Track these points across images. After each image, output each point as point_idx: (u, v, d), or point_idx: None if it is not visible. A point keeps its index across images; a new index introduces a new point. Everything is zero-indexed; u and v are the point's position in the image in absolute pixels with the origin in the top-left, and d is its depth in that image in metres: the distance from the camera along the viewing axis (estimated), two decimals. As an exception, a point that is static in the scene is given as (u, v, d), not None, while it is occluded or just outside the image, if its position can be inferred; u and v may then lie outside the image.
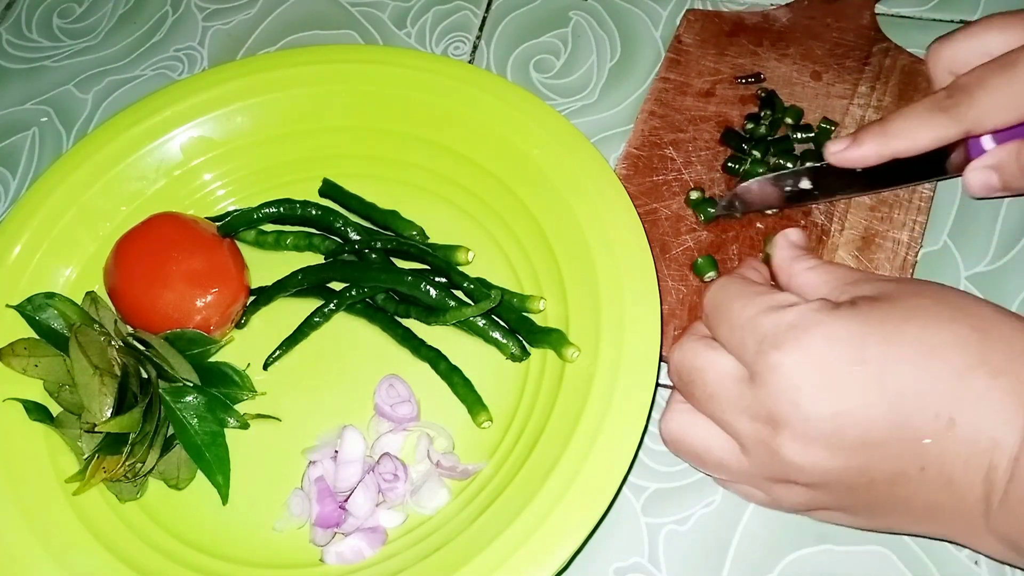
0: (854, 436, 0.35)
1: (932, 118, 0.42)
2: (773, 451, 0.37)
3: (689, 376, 0.40)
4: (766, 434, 0.37)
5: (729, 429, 0.39)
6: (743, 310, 0.39)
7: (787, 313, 0.37)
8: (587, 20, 0.64)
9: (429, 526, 0.45)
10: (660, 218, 0.53)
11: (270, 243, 0.55)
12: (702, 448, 0.41)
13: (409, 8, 0.67)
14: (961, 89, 0.42)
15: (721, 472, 0.41)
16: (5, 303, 0.50)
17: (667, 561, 0.45)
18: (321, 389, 0.50)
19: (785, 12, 0.61)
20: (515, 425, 0.47)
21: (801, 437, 0.36)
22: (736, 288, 0.40)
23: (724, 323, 0.39)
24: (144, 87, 0.65)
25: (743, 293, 0.40)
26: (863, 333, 0.36)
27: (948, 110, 0.42)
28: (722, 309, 0.40)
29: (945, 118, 0.42)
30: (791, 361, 0.36)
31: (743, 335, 0.38)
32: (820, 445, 0.36)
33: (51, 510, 0.46)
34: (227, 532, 0.47)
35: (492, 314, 0.50)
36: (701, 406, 0.40)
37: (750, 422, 0.37)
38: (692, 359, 0.40)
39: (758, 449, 0.38)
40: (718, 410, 0.39)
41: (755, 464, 0.39)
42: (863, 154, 0.44)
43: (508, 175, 0.53)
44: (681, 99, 0.57)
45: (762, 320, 0.38)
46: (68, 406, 0.47)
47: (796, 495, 0.39)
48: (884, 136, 0.44)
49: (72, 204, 0.54)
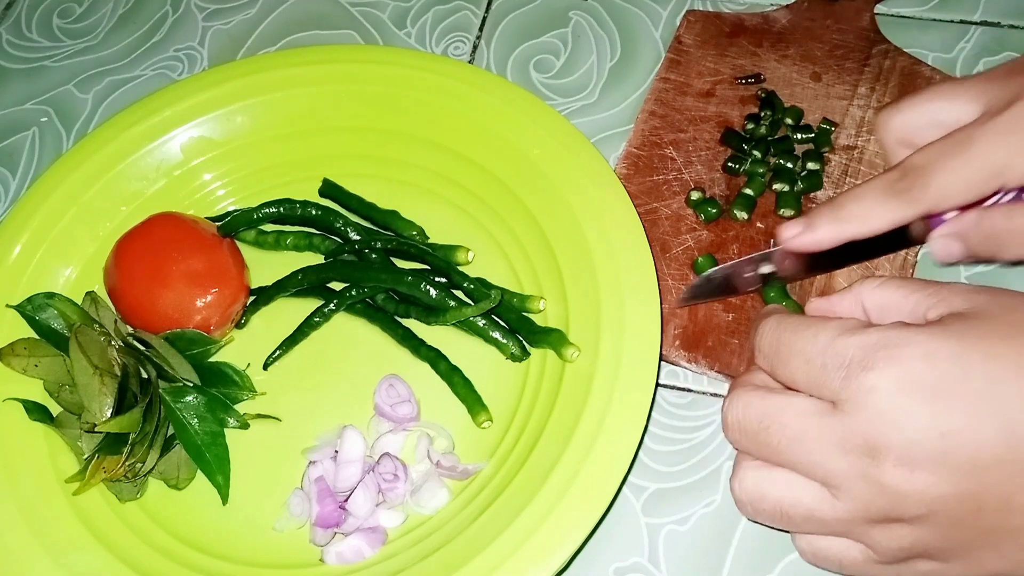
0: (963, 457, 0.33)
1: (887, 202, 0.40)
2: (875, 482, 0.34)
3: (760, 425, 0.36)
4: (865, 465, 0.34)
5: (817, 472, 0.35)
6: (816, 336, 0.36)
7: (871, 334, 0.34)
8: (587, 20, 0.64)
9: (429, 526, 0.45)
10: (660, 217, 0.53)
11: (270, 243, 0.54)
12: (788, 502, 0.37)
13: (409, 8, 0.67)
14: (915, 171, 0.40)
15: (812, 525, 0.37)
16: (5, 303, 0.50)
17: (667, 561, 0.45)
18: (321, 389, 0.50)
19: (785, 13, 0.61)
20: (515, 425, 0.47)
21: (907, 461, 0.33)
22: (796, 320, 0.37)
23: (793, 356, 0.36)
24: (144, 87, 0.65)
25: (808, 323, 0.37)
26: (962, 350, 0.33)
27: (902, 193, 0.40)
28: (787, 342, 0.37)
29: (900, 202, 0.40)
30: (888, 381, 0.33)
31: (823, 362, 0.35)
32: (928, 469, 0.33)
33: (51, 510, 0.46)
34: (227, 532, 0.47)
35: (492, 314, 0.50)
36: (779, 455, 0.36)
37: (843, 457, 0.34)
38: (759, 406, 0.37)
39: (856, 486, 0.34)
40: (803, 453, 0.35)
41: (852, 505, 0.35)
42: (817, 239, 0.42)
43: (508, 175, 0.53)
44: (681, 99, 0.57)
45: (843, 343, 0.35)
46: (68, 406, 0.47)
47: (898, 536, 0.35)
48: (838, 221, 0.41)
49: (72, 204, 0.54)
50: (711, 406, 0.49)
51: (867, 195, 0.41)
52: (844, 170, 0.53)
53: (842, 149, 0.54)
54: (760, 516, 0.38)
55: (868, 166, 0.53)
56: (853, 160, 0.54)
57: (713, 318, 0.49)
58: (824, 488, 0.36)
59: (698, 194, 0.53)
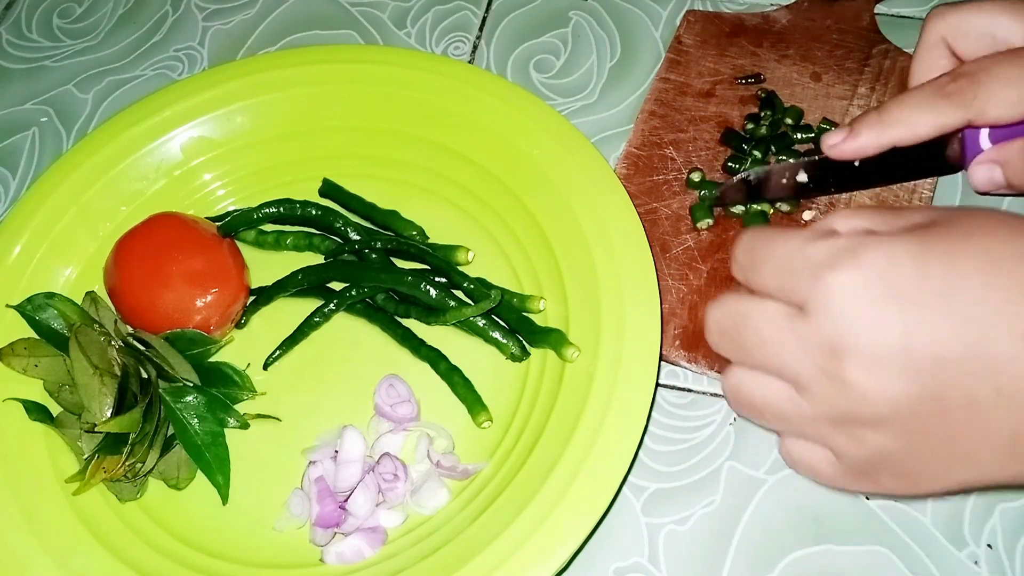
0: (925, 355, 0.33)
1: (933, 104, 0.41)
2: (838, 381, 0.34)
3: (734, 326, 0.38)
4: (829, 364, 0.34)
5: (785, 371, 0.36)
6: (786, 243, 0.36)
7: (838, 238, 0.35)
8: (587, 20, 0.64)
9: (429, 526, 0.45)
10: (660, 217, 0.53)
11: (270, 243, 0.54)
12: (761, 401, 0.38)
13: (409, 8, 0.67)
14: (966, 75, 0.41)
15: (784, 425, 0.38)
16: (5, 303, 0.50)
17: (667, 561, 0.45)
18: (321, 389, 0.50)
19: (785, 13, 0.61)
20: (515, 425, 0.47)
21: (869, 360, 0.34)
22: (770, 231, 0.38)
23: (767, 263, 0.37)
24: (144, 87, 0.65)
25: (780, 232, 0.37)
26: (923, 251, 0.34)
27: (951, 96, 0.40)
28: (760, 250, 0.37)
29: (947, 104, 0.41)
30: (852, 281, 0.34)
31: (791, 266, 0.36)
32: (889, 368, 0.34)
33: (51, 510, 0.46)
34: (227, 532, 0.47)
35: (492, 314, 0.50)
36: (751, 356, 0.38)
37: (808, 356, 0.35)
38: (735, 308, 0.38)
39: (820, 385, 0.35)
40: (772, 354, 0.36)
41: (816, 405, 0.36)
42: (860, 144, 0.43)
43: (508, 175, 0.53)
44: (681, 99, 0.57)
45: (811, 248, 0.35)
46: (68, 406, 0.47)
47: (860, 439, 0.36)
48: (881, 125, 0.42)
49: (72, 204, 0.54)
50: (711, 406, 0.49)
51: (913, 98, 0.42)
52: (844, 170, 0.53)
53: (842, 149, 0.54)
54: (743, 412, 0.39)
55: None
56: (853, 160, 0.54)
57: (713, 318, 0.49)
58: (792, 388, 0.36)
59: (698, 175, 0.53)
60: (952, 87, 0.41)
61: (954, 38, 0.44)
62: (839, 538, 0.44)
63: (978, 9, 0.43)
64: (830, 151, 0.44)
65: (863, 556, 0.44)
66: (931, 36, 0.45)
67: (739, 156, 0.54)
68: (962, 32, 0.44)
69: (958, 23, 0.44)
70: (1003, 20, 0.42)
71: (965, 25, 0.43)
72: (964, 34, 0.43)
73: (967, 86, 0.40)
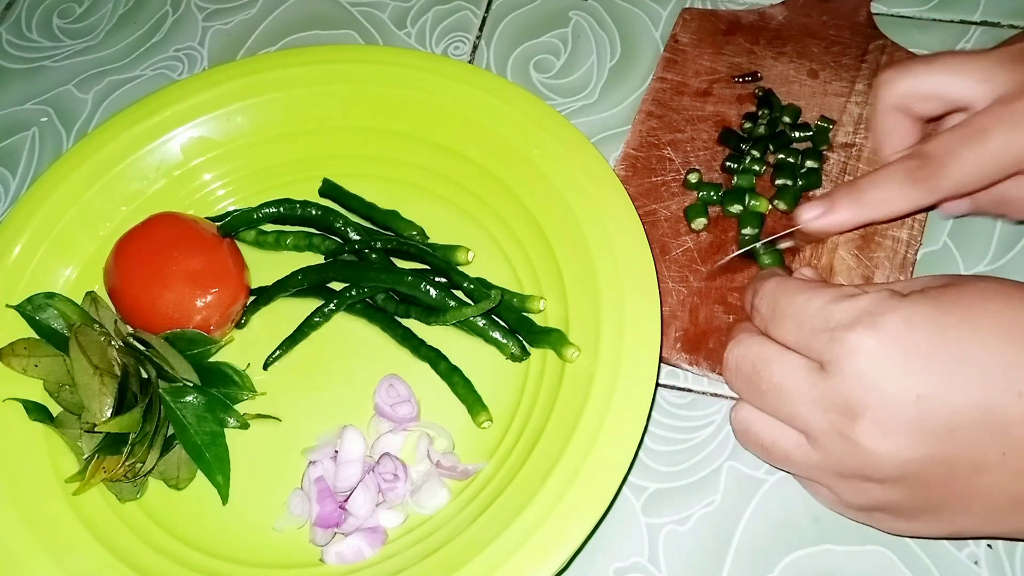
0: (938, 421, 0.34)
1: (907, 189, 0.42)
2: (850, 441, 0.36)
3: (753, 369, 0.39)
4: (842, 424, 0.36)
5: (798, 422, 0.38)
6: (809, 301, 0.38)
7: (859, 300, 0.36)
8: (587, 20, 0.64)
9: (429, 526, 0.45)
10: (659, 219, 0.53)
11: (270, 243, 0.55)
12: (768, 441, 0.40)
13: (409, 8, 0.67)
14: (934, 160, 0.41)
15: (788, 466, 0.40)
16: (5, 303, 0.50)
17: (667, 561, 0.45)
18: (321, 389, 0.50)
19: (781, 10, 0.61)
20: (515, 425, 0.47)
21: (882, 423, 0.35)
22: (795, 284, 0.39)
23: (788, 318, 0.38)
24: (144, 87, 0.65)
25: (805, 287, 0.39)
26: (940, 315, 0.35)
27: (922, 182, 0.41)
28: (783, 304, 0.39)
29: (920, 190, 0.42)
30: (870, 344, 0.35)
31: (813, 325, 0.37)
32: (902, 431, 0.35)
33: (51, 510, 0.46)
34: (227, 532, 0.47)
35: (492, 314, 0.50)
36: (766, 401, 0.39)
37: (823, 413, 0.36)
38: (757, 352, 0.39)
39: (832, 441, 0.36)
40: (787, 403, 0.38)
41: (825, 458, 0.37)
42: (837, 222, 0.44)
43: (508, 175, 0.53)
44: (678, 99, 0.57)
45: (833, 308, 0.37)
46: (68, 406, 0.47)
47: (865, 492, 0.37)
48: (858, 205, 0.43)
49: (72, 204, 0.54)
50: (711, 406, 0.49)
51: (887, 181, 0.42)
52: (843, 168, 0.53)
53: (840, 147, 0.54)
54: (748, 448, 0.41)
55: (867, 163, 0.53)
56: (851, 158, 0.54)
57: (714, 320, 0.49)
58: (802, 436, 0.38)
59: (695, 176, 0.53)
60: (923, 173, 0.41)
61: (907, 105, 0.45)
62: (839, 538, 0.44)
63: (925, 72, 0.44)
64: (807, 224, 0.44)
65: (863, 556, 0.44)
66: (884, 104, 0.45)
67: (737, 155, 0.54)
68: (913, 99, 0.44)
69: (909, 90, 0.44)
70: (950, 81, 0.43)
71: (915, 92, 0.44)
72: (915, 100, 0.44)
73: (936, 172, 0.41)
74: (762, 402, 0.39)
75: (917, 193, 0.42)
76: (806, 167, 0.53)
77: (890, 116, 0.45)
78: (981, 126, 0.41)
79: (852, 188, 0.43)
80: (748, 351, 0.40)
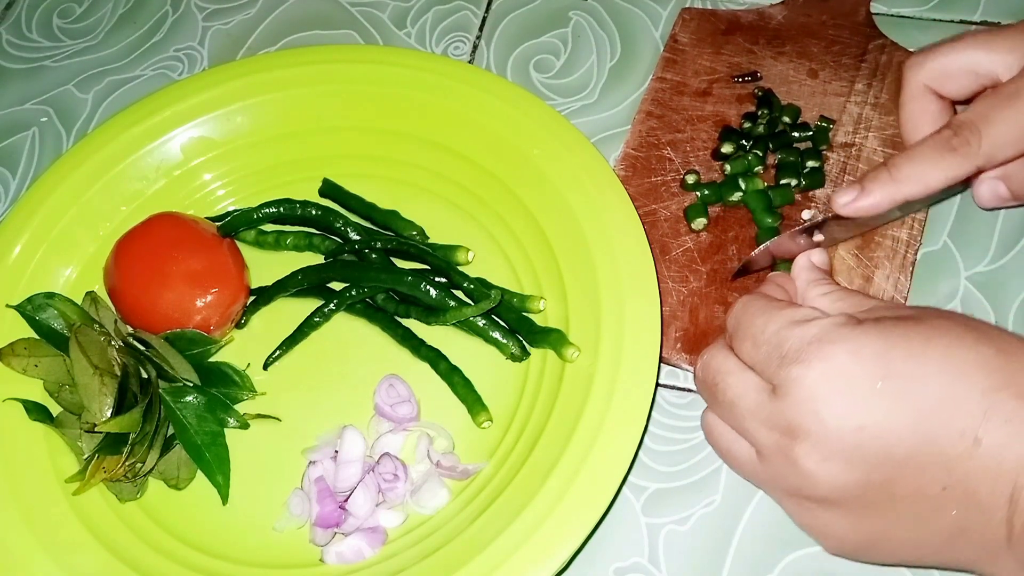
0: (876, 450, 0.35)
1: (942, 159, 0.41)
2: (791, 461, 0.37)
3: (713, 381, 0.40)
4: (784, 444, 0.37)
5: (748, 436, 0.39)
6: (766, 325, 0.38)
7: (810, 327, 0.37)
8: (587, 20, 0.64)
9: (429, 526, 0.45)
10: (659, 219, 0.53)
11: (270, 243, 0.55)
12: (725, 448, 0.41)
13: (409, 8, 0.67)
14: (967, 126, 0.41)
15: (742, 475, 0.42)
16: (5, 303, 0.50)
17: (667, 561, 0.45)
18: (321, 389, 0.50)
19: (780, 10, 0.61)
20: (515, 425, 0.47)
21: (821, 449, 0.36)
22: (758, 305, 0.40)
23: (747, 339, 0.39)
24: (144, 87, 0.65)
25: (765, 309, 0.39)
26: (888, 348, 0.36)
27: (958, 149, 0.41)
28: (744, 326, 0.40)
29: (956, 158, 0.41)
30: (814, 374, 0.36)
31: (767, 350, 0.38)
32: (840, 458, 0.36)
33: (51, 510, 0.46)
34: (227, 532, 0.47)
35: (492, 314, 0.50)
36: (722, 411, 0.40)
37: (768, 432, 0.37)
38: (716, 366, 0.40)
39: (775, 459, 0.38)
40: (739, 417, 0.39)
41: (772, 474, 0.39)
42: (874, 202, 0.43)
43: (508, 175, 0.53)
44: (678, 99, 0.57)
45: (785, 334, 0.37)
46: (68, 406, 0.47)
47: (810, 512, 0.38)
48: (894, 182, 0.42)
49: (72, 204, 0.54)
50: (711, 406, 0.49)
51: (921, 154, 0.42)
52: (843, 167, 0.53)
53: (840, 146, 0.54)
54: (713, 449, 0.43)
55: (867, 163, 0.53)
56: (851, 157, 0.54)
57: (714, 320, 0.49)
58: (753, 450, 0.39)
59: (693, 177, 0.53)
60: (957, 140, 0.41)
61: (938, 83, 0.45)
62: (839, 538, 0.44)
63: (954, 51, 0.44)
64: (843, 210, 0.44)
65: (863, 556, 0.44)
66: (914, 85, 0.45)
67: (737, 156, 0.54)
68: (944, 77, 0.44)
69: (939, 69, 0.44)
70: (980, 55, 0.43)
71: (945, 70, 0.44)
72: (947, 78, 0.44)
73: (971, 138, 0.41)
74: (719, 412, 0.41)
75: (953, 162, 0.41)
76: (808, 167, 0.53)
77: (920, 99, 0.45)
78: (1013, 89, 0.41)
79: (886, 167, 0.43)
80: (712, 361, 0.41)
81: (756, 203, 0.52)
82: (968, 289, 0.50)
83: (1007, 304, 0.49)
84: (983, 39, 0.43)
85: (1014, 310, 0.49)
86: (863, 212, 0.43)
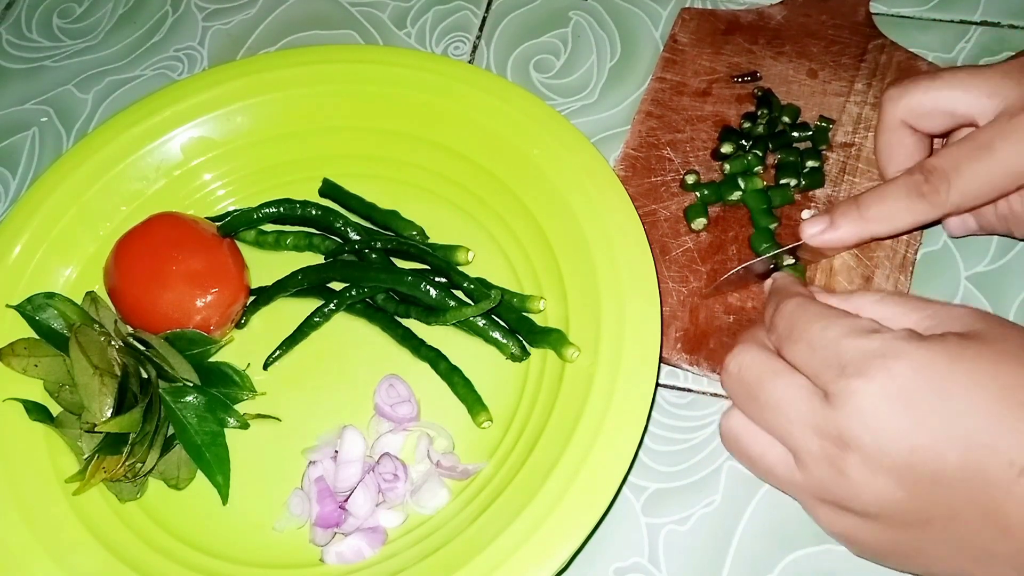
0: (925, 472, 0.35)
1: (911, 203, 0.42)
2: (838, 471, 0.36)
3: (757, 380, 0.39)
4: (833, 454, 0.36)
5: (789, 441, 0.38)
6: (824, 331, 0.38)
7: (873, 339, 0.36)
8: (587, 20, 0.64)
9: (429, 526, 0.45)
10: (659, 219, 0.53)
11: (270, 243, 0.55)
12: (755, 453, 0.40)
13: (409, 8, 0.67)
14: (937, 174, 0.41)
15: (768, 480, 0.41)
16: (5, 303, 0.50)
17: (667, 561, 0.45)
18: (321, 389, 0.50)
19: (780, 10, 0.61)
20: (515, 425, 0.47)
21: (871, 464, 0.35)
22: (816, 309, 0.39)
23: (801, 343, 0.38)
24: (144, 87, 0.65)
25: (824, 314, 0.39)
26: (949, 371, 0.35)
27: (927, 196, 0.41)
28: (800, 328, 0.39)
29: (924, 204, 0.42)
30: (874, 388, 0.35)
31: (824, 355, 0.37)
32: (889, 475, 0.35)
33: (51, 510, 0.46)
34: (227, 532, 0.47)
35: (492, 314, 0.50)
36: (761, 413, 0.39)
37: (817, 438, 0.37)
38: (763, 365, 0.39)
39: (819, 466, 0.37)
40: (783, 420, 0.38)
41: (808, 480, 0.38)
42: (841, 237, 0.44)
43: (508, 175, 0.53)
44: (678, 99, 0.57)
45: (846, 344, 0.37)
46: (68, 406, 0.47)
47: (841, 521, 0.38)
48: (862, 220, 0.43)
49: (72, 204, 0.54)
50: (711, 406, 0.49)
51: (891, 196, 0.42)
52: (842, 167, 0.53)
53: (840, 146, 0.54)
54: (734, 455, 0.42)
55: (866, 163, 0.53)
56: (851, 157, 0.54)
57: (714, 320, 0.49)
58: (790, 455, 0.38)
59: (693, 177, 0.53)
60: (927, 188, 0.42)
61: (914, 120, 0.45)
62: (839, 538, 0.44)
63: (932, 88, 0.44)
64: (810, 240, 0.45)
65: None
66: (890, 119, 0.45)
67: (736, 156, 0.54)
68: (920, 115, 0.44)
69: (915, 107, 0.44)
70: (958, 97, 0.43)
71: (922, 108, 0.44)
72: (923, 116, 0.44)
73: (940, 187, 0.41)
74: (757, 414, 0.40)
75: (921, 207, 0.42)
76: (808, 167, 0.53)
77: (895, 132, 0.45)
78: (986, 140, 0.41)
79: (854, 203, 0.43)
80: (755, 361, 0.40)
81: (756, 203, 0.52)
82: (968, 289, 0.50)
83: (1007, 304, 0.49)
84: (962, 79, 0.43)
85: (1014, 310, 0.49)
86: (829, 244, 0.44)
